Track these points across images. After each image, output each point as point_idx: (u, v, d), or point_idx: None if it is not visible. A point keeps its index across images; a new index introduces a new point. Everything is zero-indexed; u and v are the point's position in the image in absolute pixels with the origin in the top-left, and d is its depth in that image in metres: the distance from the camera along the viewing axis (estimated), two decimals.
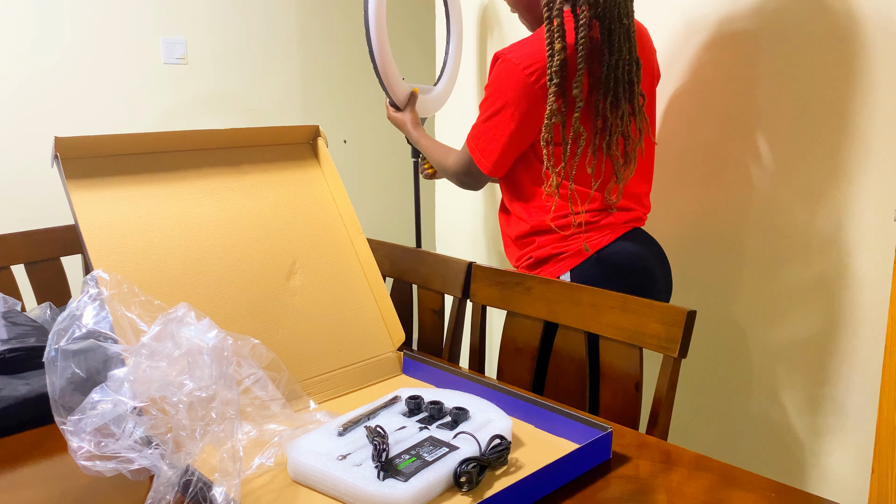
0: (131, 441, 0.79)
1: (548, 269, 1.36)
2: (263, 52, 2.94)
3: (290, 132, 1.26)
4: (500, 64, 1.30)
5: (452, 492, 0.82)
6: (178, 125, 2.72)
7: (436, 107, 1.85)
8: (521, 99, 1.27)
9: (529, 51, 1.27)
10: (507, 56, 1.28)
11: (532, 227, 1.37)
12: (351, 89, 3.25)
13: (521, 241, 1.42)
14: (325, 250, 1.20)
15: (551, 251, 1.36)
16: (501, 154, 1.33)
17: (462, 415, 0.93)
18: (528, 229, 1.38)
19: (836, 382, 1.46)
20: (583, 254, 1.33)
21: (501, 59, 1.29)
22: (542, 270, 1.37)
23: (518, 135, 1.31)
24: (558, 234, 1.35)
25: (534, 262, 1.38)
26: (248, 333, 0.97)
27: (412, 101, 1.71)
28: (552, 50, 1.22)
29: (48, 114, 2.46)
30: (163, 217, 1.06)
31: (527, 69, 1.25)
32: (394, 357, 1.20)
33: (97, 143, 1.05)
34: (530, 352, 1.28)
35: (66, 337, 0.84)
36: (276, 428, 0.90)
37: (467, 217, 2.20)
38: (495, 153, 1.34)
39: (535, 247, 1.38)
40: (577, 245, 1.34)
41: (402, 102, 1.71)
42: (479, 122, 1.34)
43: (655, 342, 1.10)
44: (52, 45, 2.44)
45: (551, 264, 1.36)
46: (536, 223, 1.37)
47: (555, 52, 1.22)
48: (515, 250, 1.44)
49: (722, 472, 0.88)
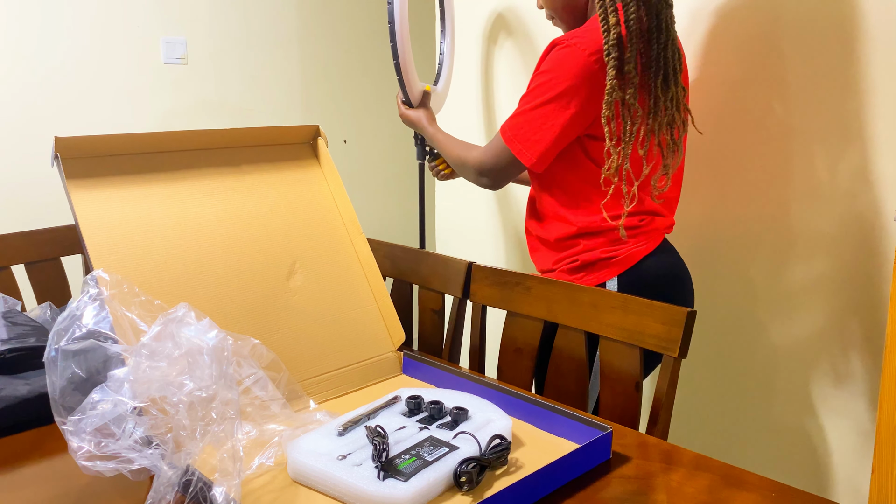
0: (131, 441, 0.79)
1: (595, 274, 1.32)
2: (263, 52, 2.94)
3: (290, 132, 1.26)
4: (559, 49, 1.25)
5: (452, 492, 0.82)
6: (178, 125, 2.72)
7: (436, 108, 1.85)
8: (582, 84, 1.23)
9: (592, 37, 1.23)
10: (568, 41, 1.24)
11: (579, 228, 1.33)
12: (351, 89, 3.25)
13: (563, 244, 1.36)
14: (325, 250, 1.20)
15: (600, 255, 1.31)
16: (551, 145, 1.27)
17: (462, 415, 0.93)
18: (574, 231, 1.33)
19: (835, 382, 1.46)
20: (631, 260, 1.31)
21: (563, 45, 1.25)
22: (589, 274, 1.33)
23: (572, 124, 1.26)
24: (606, 238, 1.31)
25: (579, 266, 1.34)
26: (248, 333, 0.97)
27: (426, 98, 1.68)
28: (607, 24, 1.21)
29: (48, 114, 2.46)
30: (163, 217, 1.06)
31: (592, 55, 1.22)
32: (394, 357, 1.20)
33: (97, 143, 1.05)
34: (530, 352, 1.28)
35: (66, 337, 0.84)
36: (276, 428, 0.90)
37: (468, 218, 2.20)
38: (544, 143, 1.27)
39: (581, 249, 1.33)
40: (626, 251, 1.31)
41: (417, 100, 1.67)
42: (525, 111, 1.28)
43: (655, 342, 1.10)
44: (52, 45, 2.44)
45: (599, 268, 1.32)
46: (585, 224, 1.32)
47: (610, 26, 1.20)
48: (552, 253, 1.39)
49: (722, 472, 0.88)
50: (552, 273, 1.39)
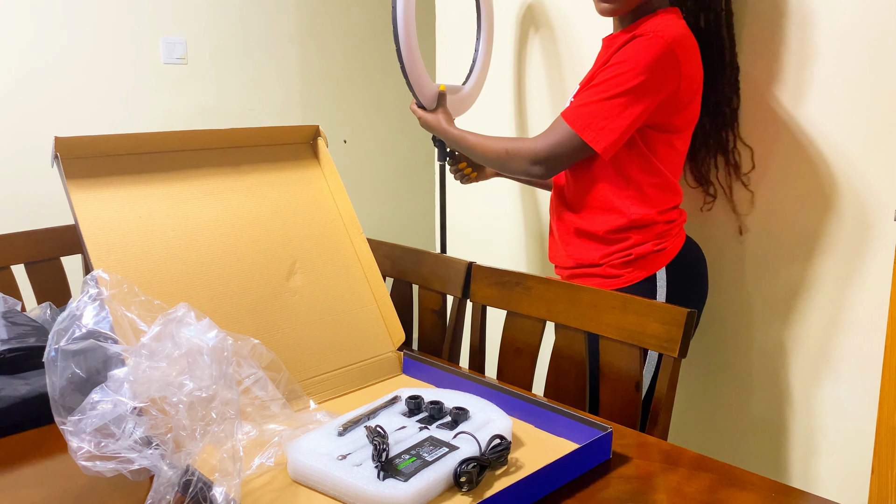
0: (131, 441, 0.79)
1: (646, 268, 1.36)
2: (263, 52, 2.94)
3: (290, 132, 1.26)
4: (644, 40, 1.27)
5: (452, 492, 0.82)
6: (177, 125, 2.72)
7: (463, 108, 1.78)
8: (659, 73, 1.26)
9: (674, 30, 1.27)
10: (655, 32, 1.27)
11: (631, 220, 1.35)
12: (351, 89, 3.25)
13: (614, 236, 1.37)
14: (325, 250, 1.20)
15: (651, 248, 1.35)
16: (623, 133, 1.29)
17: (462, 415, 0.93)
18: (626, 223, 1.35)
19: (836, 382, 1.46)
20: (674, 250, 1.38)
21: (648, 36, 1.27)
22: (637, 269, 1.36)
23: (646, 113, 1.29)
24: (654, 231, 1.36)
25: (633, 259, 1.36)
26: (248, 333, 0.97)
27: (442, 99, 1.64)
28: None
29: (48, 113, 2.46)
30: (163, 217, 1.06)
31: (675, 45, 1.26)
32: (394, 357, 1.20)
33: (97, 143, 1.05)
34: (530, 352, 1.28)
35: (66, 337, 0.84)
36: (276, 428, 0.90)
37: (472, 218, 2.20)
38: (617, 131, 1.28)
39: (633, 243, 1.36)
40: (670, 242, 1.37)
41: (430, 102, 1.64)
42: (599, 100, 1.29)
43: (655, 342, 1.10)
44: (52, 45, 2.44)
45: (650, 261, 1.36)
46: (639, 217, 1.35)
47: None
48: (600, 247, 1.39)
49: (722, 472, 0.88)
50: (598, 268, 1.39)
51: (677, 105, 1.31)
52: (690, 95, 1.33)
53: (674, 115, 1.32)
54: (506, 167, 1.43)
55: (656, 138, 1.34)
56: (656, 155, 1.35)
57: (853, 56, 1.35)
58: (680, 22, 1.31)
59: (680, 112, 1.33)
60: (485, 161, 1.48)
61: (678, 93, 1.30)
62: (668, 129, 1.34)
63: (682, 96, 1.31)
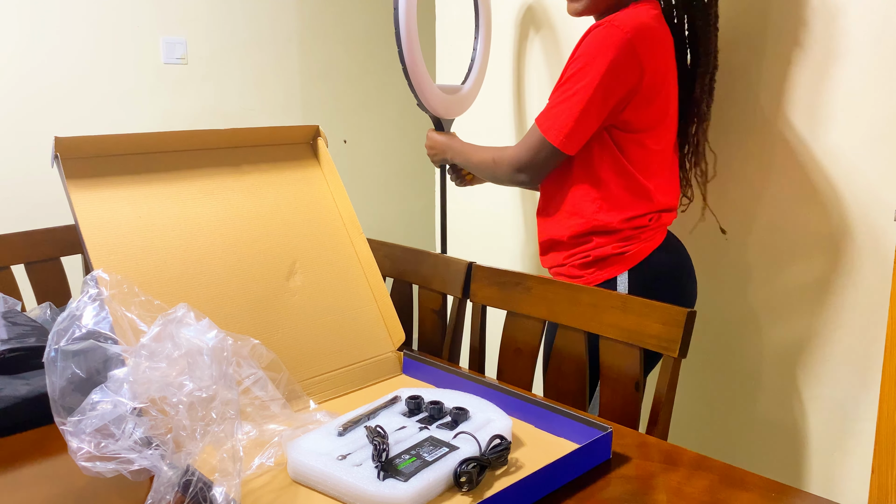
0: (131, 442, 0.79)
1: (606, 270, 1.34)
2: (263, 52, 2.94)
3: (290, 132, 1.26)
4: (601, 30, 1.25)
5: (452, 492, 0.82)
6: (177, 125, 2.72)
7: (462, 108, 1.78)
8: (618, 62, 1.23)
9: (636, 21, 1.24)
10: (611, 23, 1.24)
11: (593, 226, 1.34)
12: (351, 89, 3.25)
13: (575, 240, 1.37)
14: (325, 250, 1.20)
15: (611, 251, 1.33)
16: (579, 125, 1.26)
17: (462, 415, 0.93)
18: (588, 228, 1.34)
19: (836, 382, 1.46)
20: (640, 255, 1.33)
21: (605, 25, 1.24)
22: (600, 270, 1.34)
23: (604, 105, 1.25)
24: (618, 236, 1.33)
25: (591, 261, 1.35)
26: (248, 333, 0.97)
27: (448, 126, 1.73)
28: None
29: (48, 113, 2.46)
30: (163, 217, 1.06)
31: (630, 31, 1.22)
32: (394, 357, 1.20)
33: (97, 143, 1.05)
34: (530, 352, 1.28)
35: (66, 337, 0.84)
36: (276, 428, 0.90)
37: (472, 218, 2.20)
38: (571, 123, 1.26)
39: (593, 245, 1.35)
40: (635, 247, 1.33)
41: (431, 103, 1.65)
42: (560, 99, 1.28)
43: (655, 342, 1.10)
44: (51, 45, 2.44)
45: (610, 264, 1.34)
46: (602, 223, 1.33)
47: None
48: (563, 251, 1.39)
49: (722, 472, 0.88)
50: (562, 268, 1.39)
51: (642, 100, 1.27)
52: (656, 90, 1.28)
53: (640, 110, 1.28)
54: (495, 176, 1.43)
55: (625, 138, 1.31)
56: (626, 155, 1.31)
57: (852, 56, 1.35)
58: (650, 13, 1.28)
59: (646, 107, 1.29)
60: (477, 171, 1.49)
61: (641, 87, 1.26)
62: (636, 128, 1.30)
63: (647, 91, 1.27)
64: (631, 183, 1.32)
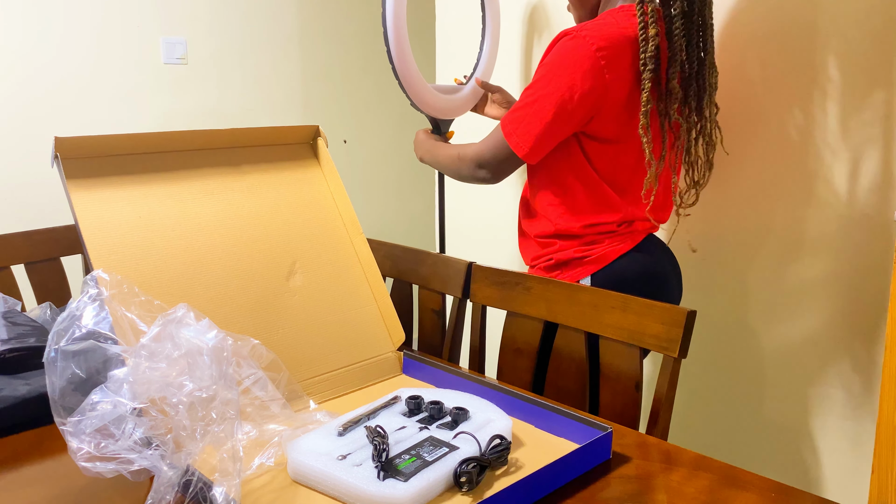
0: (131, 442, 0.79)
1: (568, 273, 1.33)
2: (263, 52, 2.94)
3: (290, 132, 1.26)
4: (566, 41, 1.22)
5: (452, 492, 0.82)
6: (178, 125, 2.72)
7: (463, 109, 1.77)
8: (583, 77, 1.20)
9: (602, 31, 1.21)
10: (578, 33, 1.21)
11: (557, 230, 1.34)
12: (351, 89, 3.25)
13: (542, 241, 1.38)
14: (325, 250, 1.20)
15: (573, 255, 1.33)
16: (541, 138, 1.25)
17: (462, 415, 0.93)
18: (552, 231, 1.34)
19: (836, 382, 1.46)
20: (604, 259, 1.31)
21: (571, 36, 1.22)
22: (562, 273, 1.34)
23: (567, 115, 1.23)
24: (581, 241, 1.33)
25: (554, 265, 1.35)
26: (248, 333, 0.97)
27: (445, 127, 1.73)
28: (646, 34, 1.20)
29: (48, 114, 2.46)
30: (163, 217, 1.06)
31: (599, 50, 1.20)
32: (394, 357, 1.20)
33: (97, 144, 1.05)
34: (530, 352, 1.28)
35: (66, 337, 0.84)
36: (276, 428, 0.90)
37: (472, 218, 2.20)
38: (534, 135, 1.25)
39: (556, 249, 1.35)
40: (599, 251, 1.32)
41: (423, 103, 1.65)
42: (523, 105, 1.26)
43: (655, 342, 1.10)
44: (52, 45, 2.44)
45: (572, 268, 1.33)
46: (564, 228, 1.32)
47: (649, 37, 1.20)
48: (535, 248, 1.40)
49: (722, 472, 0.88)
50: (533, 269, 1.41)
51: (609, 113, 1.25)
52: (622, 104, 1.24)
53: (606, 123, 1.26)
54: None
55: (596, 148, 1.29)
56: (594, 164, 1.29)
57: (852, 59, 1.35)
58: (624, 22, 1.24)
59: (613, 120, 1.26)
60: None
61: (606, 100, 1.23)
62: (605, 138, 1.28)
63: (612, 105, 1.24)
64: (596, 192, 1.31)
